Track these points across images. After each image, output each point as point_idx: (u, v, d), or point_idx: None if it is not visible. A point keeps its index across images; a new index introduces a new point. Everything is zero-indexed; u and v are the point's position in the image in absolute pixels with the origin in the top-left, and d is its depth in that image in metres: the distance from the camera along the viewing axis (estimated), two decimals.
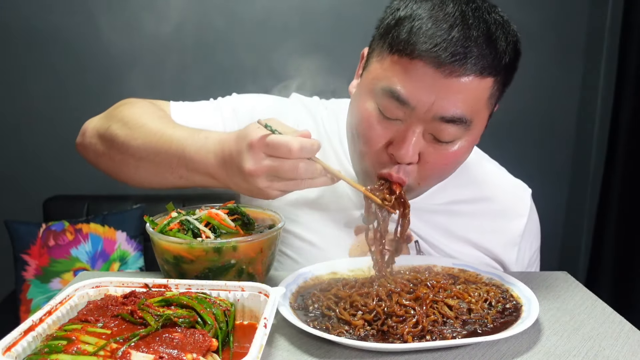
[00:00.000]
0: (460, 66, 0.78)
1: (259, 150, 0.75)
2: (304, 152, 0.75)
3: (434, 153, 0.85)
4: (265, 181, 0.76)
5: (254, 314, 0.70)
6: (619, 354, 0.68)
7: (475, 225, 1.04)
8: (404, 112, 0.82)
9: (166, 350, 0.55)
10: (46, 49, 2.34)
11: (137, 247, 2.17)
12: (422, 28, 0.79)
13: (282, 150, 0.74)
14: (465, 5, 0.80)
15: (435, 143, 0.85)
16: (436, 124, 0.82)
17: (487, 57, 0.79)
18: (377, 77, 0.85)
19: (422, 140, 0.84)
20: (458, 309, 0.75)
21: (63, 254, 2.08)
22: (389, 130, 0.85)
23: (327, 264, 0.91)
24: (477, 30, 0.79)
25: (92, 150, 1.00)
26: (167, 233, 0.81)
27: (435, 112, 0.81)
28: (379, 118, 0.85)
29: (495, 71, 0.81)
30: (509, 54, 0.82)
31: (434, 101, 0.80)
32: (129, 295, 0.67)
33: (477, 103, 0.82)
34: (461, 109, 0.81)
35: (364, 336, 0.70)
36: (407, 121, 0.83)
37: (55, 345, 0.55)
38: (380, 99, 0.84)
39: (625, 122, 2.25)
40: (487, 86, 0.82)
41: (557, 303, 0.84)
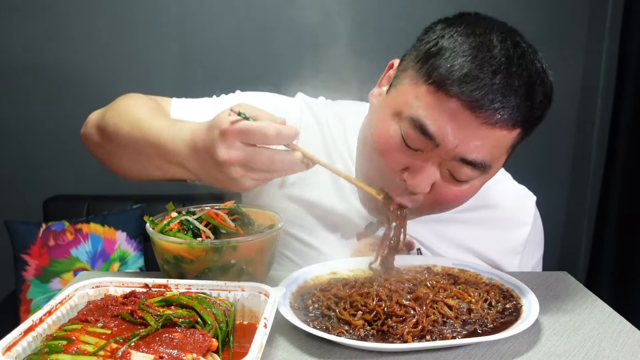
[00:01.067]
0: (494, 115, 0.75)
1: (233, 137, 0.72)
2: (281, 139, 0.72)
3: (446, 188, 0.84)
4: (240, 170, 0.73)
5: (254, 314, 0.70)
6: (619, 354, 0.68)
7: (477, 233, 1.03)
8: (427, 145, 0.79)
9: (166, 350, 0.55)
10: (46, 49, 2.33)
11: (137, 247, 2.17)
12: (464, 68, 0.75)
13: (256, 137, 0.71)
14: (512, 50, 0.77)
15: (450, 180, 0.83)
16: (455, 163, 0.80)
17: (522, 110, 0.77)
18: (406, 102, 0.81)
19: (437, 174, 0.82)
20: (458, 309, 0.75)
21: (63, 254, 2.08)
22: (407, 158, 0.82)
23: (327, 264, 0.91)
24: (519, 80, 0.76)
25: (91, 140, 1.00)
26: (167, 233, 0.81)
27: (457, 153, 0.78)
28: (400, 144, 0.81)
29: (527, 124, 0.79)
30: (542, 109, 0.80)
31: (459, 143, 0.78)
32: (129, 295, 0.67)
33: (500, 150, 0.81)
34: (483, 155, 0.79)
35: (364, 336, 0.70)
36: (427, 153, 0.81)
37: (55, 345, 0.55)
38: (406, 127, 0.80)
39: (625, 122, 2.25)
40: (514, 136, 0.80)
41: (557, 303, 0.84)
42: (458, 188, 0.84)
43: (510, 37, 0.79)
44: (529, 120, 0.79)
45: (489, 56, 0.76)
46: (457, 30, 0.79)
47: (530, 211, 1.07)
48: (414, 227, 1.00)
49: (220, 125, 0.73)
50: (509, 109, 0.75)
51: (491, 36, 0.77)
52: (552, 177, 2.62)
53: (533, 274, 0.99)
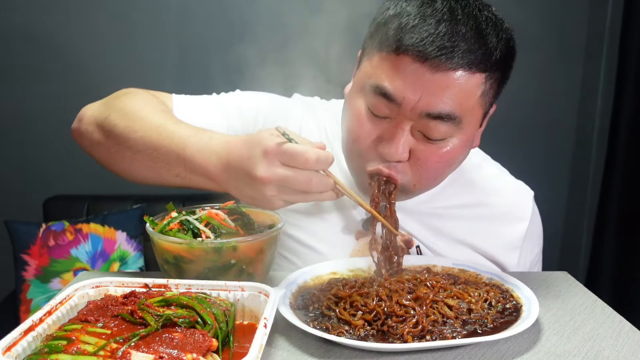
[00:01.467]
0: (447, 60, 0.76)
1: (274, 157, 0.73)
2: (320, 164, 0.74)
3: (425, 151, 0.84)
4: (274, 190, 0.75)
5: (254, 314, 0.70)
6: (619, 354, 0.68)
7: (475, 229, 1.03)
8: (392, 109, 0.82)
9: (166, 350, 0.55)
10: (46, 49, 2.33)
11: (137, 247, 2.17)
12: (409, 24, 0.79)
13: (298, 160, 0.73)
14: (455, 2, 0.80)
15: (426, 141, 0.84)
16: (424, 121, 0.81)
17: (475, 52, 0.78)
18: (366, 75, 0.85)
19: (411, 138, 0.83)
20: (458, 309, 0.75)
21: (63, 254, 2.08)
22: (377, 128, 0.84)
23: (327, 264, 0.91)
24: (466, 26, 0.78)
25: (88, 138, 0.96)
26: (167, 233, 0.81)
27: (422, 109, 0.80)
28: (368, 116, 0.85)
29: (485, 67, 0.79)
30: (500, 51, 0.81)
31: (420, 97, 0.79)
32: (129, 295, 0.67)
33: (468, 100, 0.81)
34: (449, 106, 0.79)
35: (364, 336, 0.70)
36: (395, 119, 0.83)
37: (55, 345, 0.55)
38: (369, 97, 0.84)
39: (625, 122, 2.25)
40: (478, 82, 0.80)
41: (557, 303, 0.84)
42: (438, 148, 0.84)
43: None
44: (488, 63, 0.79)
45: (431, 10, 0.79)
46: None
47: (528, 206, 1.07)
48: (411, 225, 1.00)
49: (264, 143, 0.74)
50: (459, 53, 0.77)
51: None
52: (552, 176, 2.62)
53: (533, 274, 0.99)
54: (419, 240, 1.02)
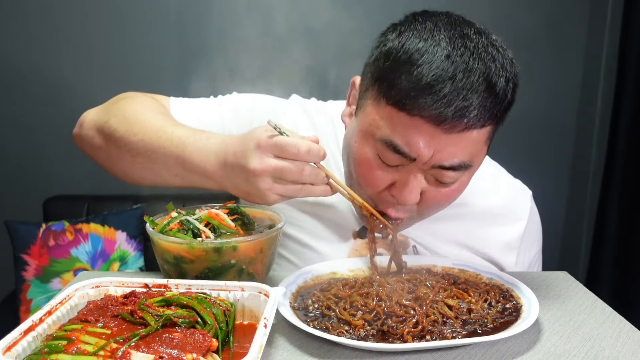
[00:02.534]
0: (460, 122, 0.75)
1: (267, 150, 0.75)
2: (311, 155, 0.75)
3: (436, 193, 0.85)
4: (268, 182, 0.76)
5: (254, 314, 0.70)
6: (619, 354, 0.68)
7: (472, 229, 1.03)
8: (404, 161, 0.81)
9: (166, 350, 0.55)
10: (46, 49, 2.34)
11: (137, 247, 2.17)
12: (421, 80, 0.74)
13: (289, 151, 0.74)
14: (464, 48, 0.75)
15: (437, 184, 0.84)
16: (437, 171, 0.81)
17: (487, 106, 0.76)
18: (374, 125, 0.81)
19: (423, 182, 0.83)
20: (458, 309, 0.75)
21: (63, 254, 2.08)
22: (390, 175, 0.83)
23: (327, 264, 0.91)
24: (478, 76, 0.74)
25: (89, 142, 0.98)
26: (167, 233, 0.81)
27: (435, 162, 0.79)
28: (379, 164, 0.83)
29: (495, 118, 0.78)
30: (508, 95, 0.78)
31: (433, 154, 0.78)
32: (129, 295, 0.67)
33: (477, 146, 0.81)
34: (461, 157, 0.80)
35: (364, 336, 0.70)
36: (408, 166, 0.82)
37: (55, 345, 0.55)
38: (380, 147, 0.81)
39: (625, 122, 2.24)
40: (488, 131, 0.81)
41: (557, 303, 0.84)
42: (448, 189, 0.85)
43: (459, 33, 0.77)
44: (498, 112, 0.78)
45: (442, 60, 0.74)
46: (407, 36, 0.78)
47: (526, 205, 1.07)
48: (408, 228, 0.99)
49: (257, 137, 0.76)
50: (473, 111, 0.74)
51: (439, 38, 0.76)
52: (552, 177, 2.62)
53: (533, 274, 0.99)
54: (415, 241, 1.02)
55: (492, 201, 1.06)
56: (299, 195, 0.78)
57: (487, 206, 1.05)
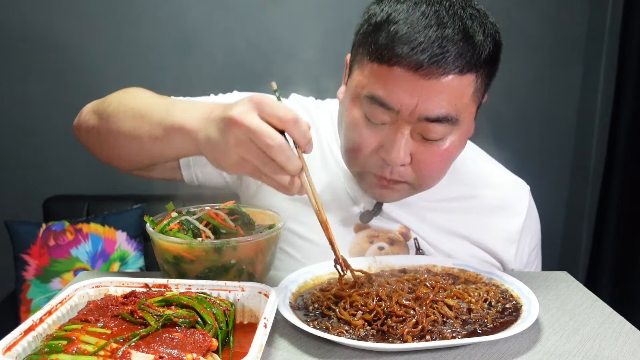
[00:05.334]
0: (438, 67, 0.78)
1: (255, 105, 0.70)
2: (296, 128, 0.70)
3: (426, 152, 0.87)
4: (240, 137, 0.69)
5: (254, 314, 0.70)
6: (619, 354, 0.68)
7: (472, 222, 1.04)
8: (390, 116, 0.83)
9: (166, 350, 0.55)
10: (46, 50, 2.33)
11: (137, 247, 2.17)
12: (398, 32, 0.79)
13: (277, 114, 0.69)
14: (439, 4, 0.81)
15: (425, 142, 0.86)
16: (423, 125, 0.83)
17: (465, 55, 0.79)
18: (359, 85, 0.86)
19: (411, 141, 0.85)
20: (458, 309, 0.75)
21: (63, 254, 2.08)
22: (377, 135, 0.86)
23: (327, 263, 0.91)
24: (453, 28, 0.79)
25: (84, 127, 0.99)
26: (167, 233, 0.81)
27: (419, 114, 0.82)
28: (366, 124, 0.86)
29: (475, 67, 0.81)
30: (488, 47, 0.82)
31: (417, 103, 0.81)
32: (129, 295, 0.67)
33: (461, 100, 0.83)
34: (445, 108, 0.82)
35: (364, 336, 0.70)
36: (394, 124, 0.84)
37: (55, 345, 0.55)
38: (366, 106, 0.85)
39: (625, 122, 2.24)
40: (470, 82, 0.82)
41: (557, 303, 0.84)
42: (438, 148, 0.87)
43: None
44: (477, 62, 0.81)
45: (417, 16, 0.80)
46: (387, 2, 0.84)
47: (525, 200, 1.08)
48: (409, 219, 1.02)
49: (253, 94, 0.73)
50: (449, 58, 0.78)
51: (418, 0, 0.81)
52: (552, 176, 2.62)
53: (533, 274, 0.99)
54: (417, 234, 1.02)
55: (492, 194, 1.07)
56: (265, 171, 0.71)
57: (486, 201, 1.06)
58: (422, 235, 1.02)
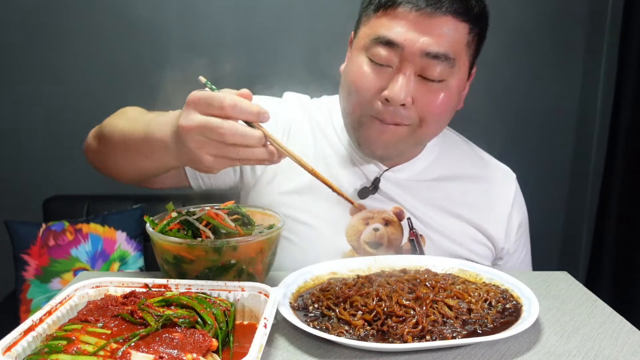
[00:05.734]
0: (437, 9, 0.88)
1: (193, 105, 0.72)
2: (237, 110, 0.70)
3: (427, 93, 0.92)
4: (197, 139, 0.72)
5: (254, 314, 0.70)
6: (619, 354, 0.68)
7: (464, 201, 1.09)
8: (393, 55, 0.90)
9: (166, 350, 0.55)
10: (46, 50, 2.33)
11: (137, 247, 2.17)
12: None
13: (214, 105, 0.70)
14: None
15: (426, 82, 0.92)
16: (424, 62, 0.90)
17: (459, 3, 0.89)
18: (365, 37, 0.94)
19: (413, 82, 0.91)
20: (458, 309, 0.75)
21: (63, 254, 2.08)
22: (381, 77, 0.92)
23: (327, 264, 0.91)
24: None
25: (89, 150, 1.07)
26: (167, 233, 0.81)
27: (421, 49, 0.89)
28: (370, 66, 0.93)
29: (468, 18, 0.91)
30: (478, 7, 0.92)
31: (419, 39, 0.88)
32: (129, 295, 0.67)
33: (457, 45, 0.91)
34: (445, 46, 0.89)
35: (364, 336, 0.70)
36: (397, 65, 0.91)
37: (55, 345, 0.55)
38: (371, 50, 0.92)
39: (625, 122, 2.24)
40: (464, 32, 0.91)
41: (557, 303, 0.84)
42: (437, 90, 0.92)
43: None
44: (470, 15, 0.91)
45: None
46: None
47: (512, 185, 1.14)
48: (404, 197, 1.06)
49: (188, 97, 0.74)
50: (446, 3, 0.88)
51: None
52: (552, 177, 2.62)
53: (533, 274, 0.99)
54: (411, 213, 1.06)
55: (485, 176, 1.13)
56: (235, 156, 0.72)
57: (480, 180, 1.12)
58: (416, 214, 1.06)
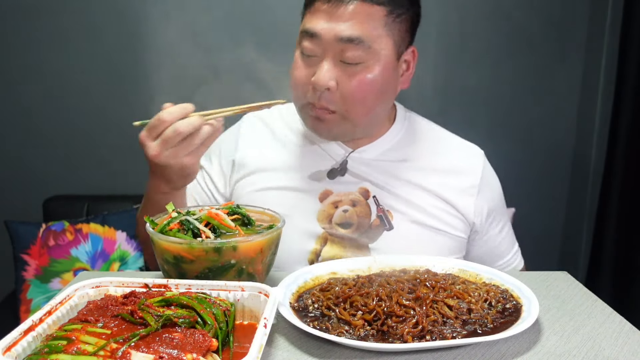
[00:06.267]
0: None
1: (146, 139, 0.89)
2: (175, 114, 0.87)
3: (348, 77, 1.00)
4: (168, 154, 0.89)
5: (254, 314, 0.70)
6: (619, 354, 0.68)
7: (432, 177, 1.13)
8: (316, 45, 1.00)
9: (166, 351, 0.55)
10: (46, 50, 2.34)
11: (137, 247, 2.17)
12: None
13: (158, 126, 0.88)
14: None
15: (347, 67, 0.99)
16: (341, 47, 0.98)
17: None
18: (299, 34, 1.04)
19: (334, 67, 1.00)
20: (458, 309, 0.75)
21: (63, 254, 2.08)
22: (310, 66, 1.02)
23: (327, 264, 0.91)
24: None
25: None
26: (167, 233, 0.81)
27: (335, 35, 0.97)
28: (301, 58, 1.04)
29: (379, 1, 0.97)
30: None
31: (333, 27, 0.97)
32: (129, 295, 0.67)
33: (373, 30, 0.98)
34: (357, 30, 0.97)
35: (363, 336, 0.70)
36: (321, 54, 1.00)
37: (55, 346, 0.55)
38: (301, 44, 1.03)
39: (625, 123, 2.24)
40: (379, 15, 0.98)
41: (557, 303, 0.84)
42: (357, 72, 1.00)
43: None
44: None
45: None
46: None
47: (479, 161, 1.18)
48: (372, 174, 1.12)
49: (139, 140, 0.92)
50: None
51: None
52: (552, 177, 2.62)
53: (533, 274, 0.99)
54: (380, 187, 1.11)
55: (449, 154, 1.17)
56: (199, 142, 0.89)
57: (444, 158, 1.16)
58: (387, 187, 1.11)
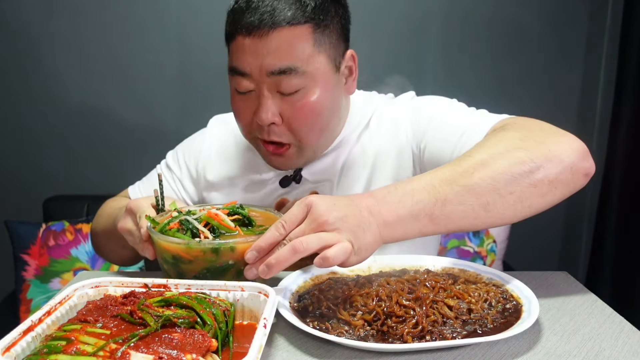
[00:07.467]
0: (269, 27, 0.89)
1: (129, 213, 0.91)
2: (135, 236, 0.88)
3: (291, 108, 0.94)
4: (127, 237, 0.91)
5: (254, 314, 0.70)
6: (619, 354, 0.68)
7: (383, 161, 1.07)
8: (248, 81, 0.93)
9: (166, 351, 0.55)
10: (46, 50, 2.33)
11: None
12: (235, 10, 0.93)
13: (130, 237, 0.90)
14: None
15: (286, 98, 0.93)
16: (275, 80, 0.92)
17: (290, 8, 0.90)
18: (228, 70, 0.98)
19: (274, 100, 0.94)
20: (458, 309, 0.75)
21: (63, 254, 2.08)
22: (248, 103, 0.96)
23: None
24: None
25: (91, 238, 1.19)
26: (166, 233, 0.81)
27: (266, 70, 0.91)
28: (237, 96, 0.97)
29: (304, 18, 0.90)
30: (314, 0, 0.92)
31: (260, 62, 0.90)
32: (129, 295, 0.67)
33: (302, 51, 0.91)
34: (286, 60, 0.90)
35: (363, 336, 0.70)
36: (255, 91, 0.94)
37: (54, 346, 0.55)
38: (232, 81, 0.97)
39: (625, 122, 2.24)
40: (305, 33, 0.91)
41: (557, 303, 0.84)
42: (299, 101, 0.94)
43: None
44: (304, 14, 0.91)
45: None
46: None
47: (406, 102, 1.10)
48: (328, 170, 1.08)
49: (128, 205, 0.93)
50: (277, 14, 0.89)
51: None
52: None
53: (533, 274, 0.99)
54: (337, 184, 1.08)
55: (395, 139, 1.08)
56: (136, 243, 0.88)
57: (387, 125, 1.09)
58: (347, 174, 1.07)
